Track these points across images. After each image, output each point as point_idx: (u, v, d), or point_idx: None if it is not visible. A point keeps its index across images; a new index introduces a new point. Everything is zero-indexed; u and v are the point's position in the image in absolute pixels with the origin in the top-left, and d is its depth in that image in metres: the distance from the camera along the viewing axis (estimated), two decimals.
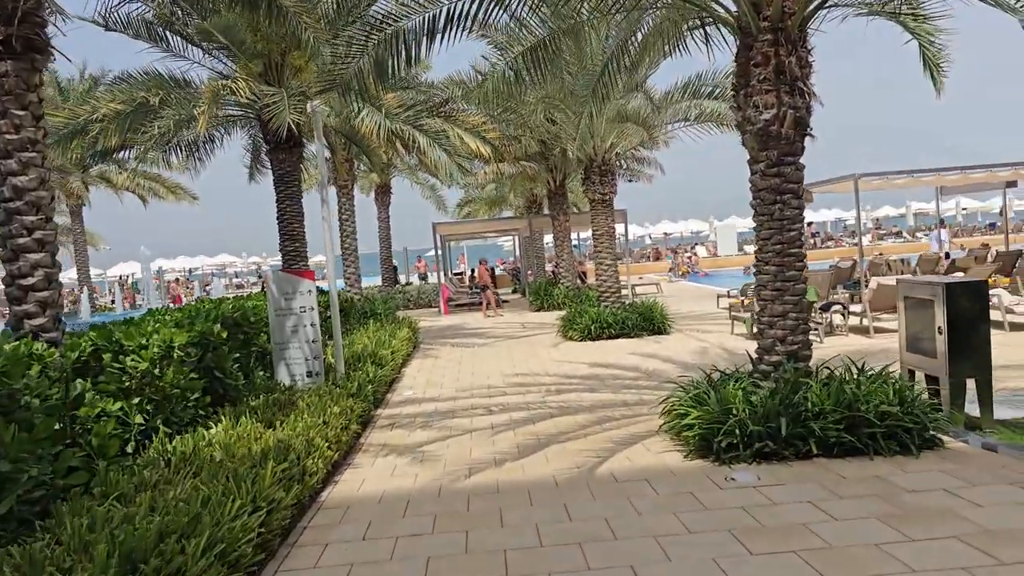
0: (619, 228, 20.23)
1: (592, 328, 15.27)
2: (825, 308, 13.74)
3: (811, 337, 7.68)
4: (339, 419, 7.39)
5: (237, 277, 63.57)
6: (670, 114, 15.22)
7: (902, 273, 19.06)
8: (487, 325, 20.16)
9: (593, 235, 16.15)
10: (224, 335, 8.05)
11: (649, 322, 15.40)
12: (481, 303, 23.24)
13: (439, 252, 25.68)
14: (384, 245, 30.69)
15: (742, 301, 17.03)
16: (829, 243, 53.64)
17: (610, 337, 15.29)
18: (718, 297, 20.38)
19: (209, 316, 8.68)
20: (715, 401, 6.81)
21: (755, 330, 8.31)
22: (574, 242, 40.63)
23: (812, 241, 51.12)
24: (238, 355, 9.15)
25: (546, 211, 27.06)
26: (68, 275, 48.35)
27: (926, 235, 55.99)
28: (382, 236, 30.64)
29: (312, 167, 28.42)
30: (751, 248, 45.87)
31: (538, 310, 23.02)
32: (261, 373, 9.58)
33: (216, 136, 16.92)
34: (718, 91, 14.35)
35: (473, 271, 32.72)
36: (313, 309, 9.85)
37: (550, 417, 8.84)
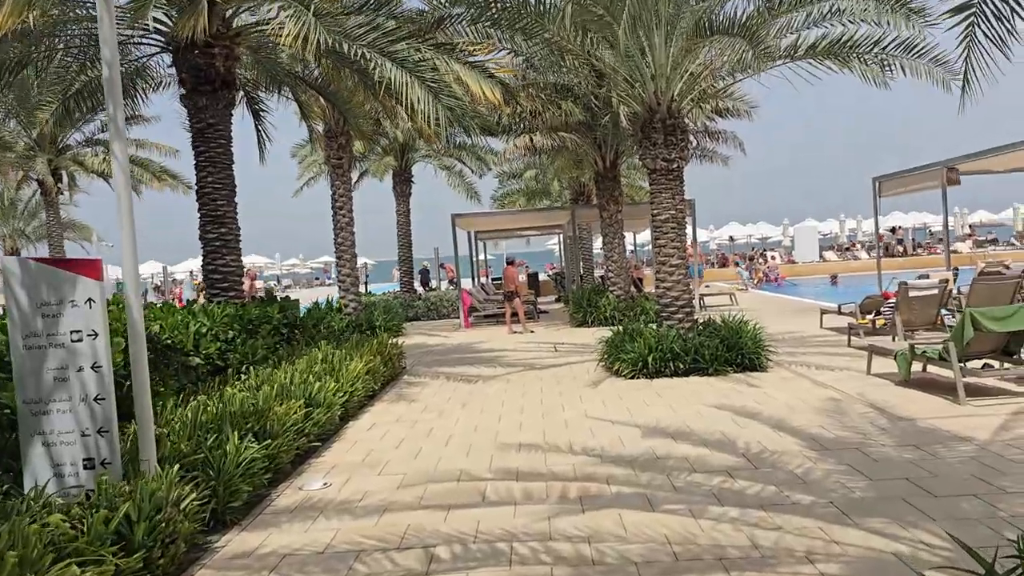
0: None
1: (650, 359, 10.16)
2: None
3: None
4: None
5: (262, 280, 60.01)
6: (777, 34, 10.04)
7: None
8: (509, 346, 15.17)
9: (653, 221, 11.03)
10: None
11: (736, 352, 10.22)
12: (504, 314, 18.25)
13: (458, 252, 20.71)
14: (403, 244, 25.93)
15: (872, 322, 11.73)
16: (919, 251, 47.13)
17: (676, 373, 10.16)
18: (822, 313, 15.07)
19: None
20: None
21: None
22: (628, 246, 35.45)
23: (900, 248, 44.94)
24: None
25: (595, 202, 21.96)
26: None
27: None
28: (401, 233, 25.90)
29: (317, 149, 23.98)
30: (832, 255, 40.00)
31: (580, 325, 17.95)
32: None
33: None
34: None
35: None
36: (98, 336, 5.00)
37: None
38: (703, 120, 18.33)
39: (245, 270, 29.78)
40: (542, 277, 35.21)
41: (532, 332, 17.30)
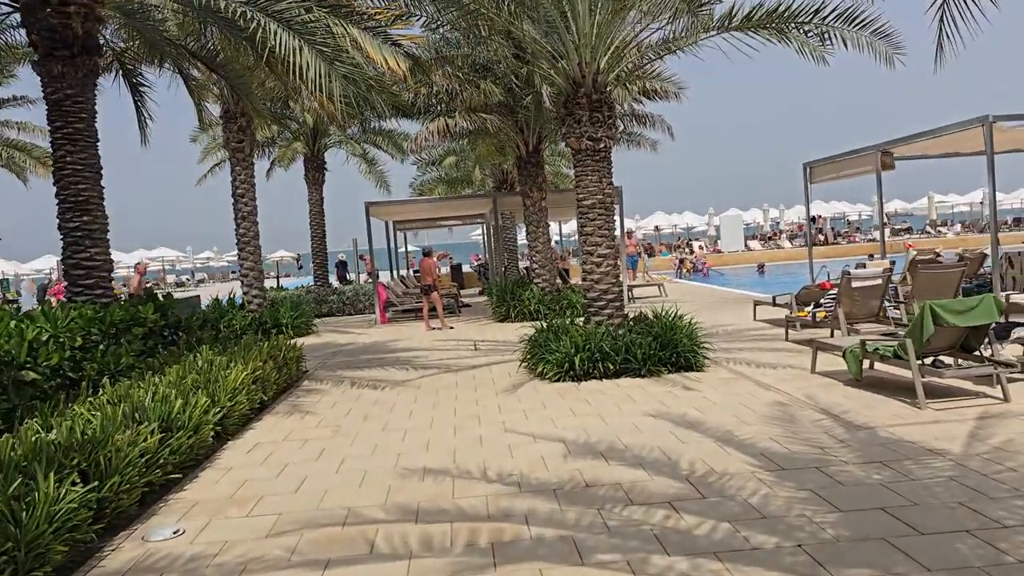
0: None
1: (577, 360, 9.16)
2: (1003, 334, 7.72)
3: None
4: None
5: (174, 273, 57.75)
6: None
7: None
8: (425, 344, 14.00)
9: (579, 206, 10.01)
10: None
11: (670, 350, 9.31)
12: (422, 309, 17.04)
13: (372, 243, 19.35)
14: (316, 235, 24.41)
15: (812, 315, 11.00)
16: (839, 239, 47.68)
17: (606, 375, 9.18)
18: (755, 305, 14.37)
19: None
20: None
21: None
22: (554, 236, 34.50)
23: (821, 237, 45.29)
24: None
25: (518, 189, 20.91)
26: None
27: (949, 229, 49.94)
28: (314, 224, 24.37)
29: (214, 133, 22.31)
30: (757, 244, 39.91)
31: (502, 320, 16.90)
32: None
33: None
34: None
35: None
36: None
37: None
38: (630, 102, 17.48)
39: (135, 265, 27.66)
40: (466, 269, 34.07)
41: (452, 328, 16.16)
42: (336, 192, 30.04)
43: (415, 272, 30.00)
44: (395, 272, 26.72)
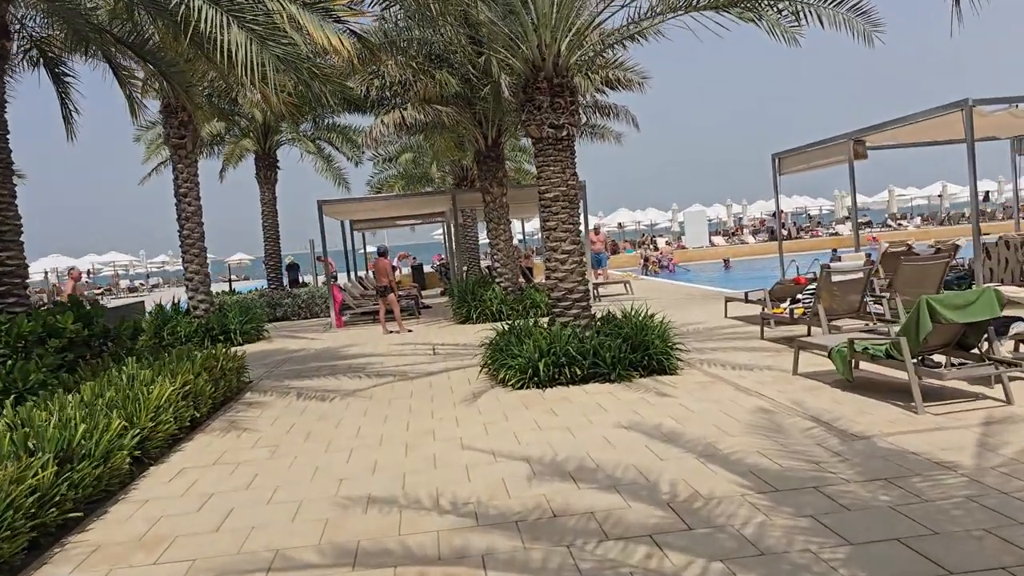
0: None
1: (541, 365, 8.44)
2: (1001, 329, 7.16)
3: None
4: None
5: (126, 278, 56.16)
6: None
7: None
8: (381, 349, 13.20)
9: (541, 199, 9.31)
10: None
11: (641, 353, 8.64)
12: (378, 312, 16.22)
13: (326, 243, 18.48)
14: (269, 236, 23.41)
15: (790, 311, 10.42)
16: (802, 234, 47.67)
17: (573, 380, 8.48)
18: (726, 301, 13.80)
19: None
20: None
21: None
22: (517, 235, 33.81)
23: (784, 231, 45.17)
24: None
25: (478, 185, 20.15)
26: None
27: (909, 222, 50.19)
28: (266, 224, 23.37)
29: (159, 130, 21.26)
30: (720, 240, 39.66)
31: (463, 321, 16.15)
32: None
33: None
34: None
35: (394, 268, 24.37)
36: None
37: None
38: (592, 92, 16.84)
39: (68, 270, 26.42)
40: (428, 269, 33.23)
41: (410, 331, 15.38)
42: (292, 192, 29.08)
43: (373, 273, 29.09)
44: (352, 273, 25.80)
